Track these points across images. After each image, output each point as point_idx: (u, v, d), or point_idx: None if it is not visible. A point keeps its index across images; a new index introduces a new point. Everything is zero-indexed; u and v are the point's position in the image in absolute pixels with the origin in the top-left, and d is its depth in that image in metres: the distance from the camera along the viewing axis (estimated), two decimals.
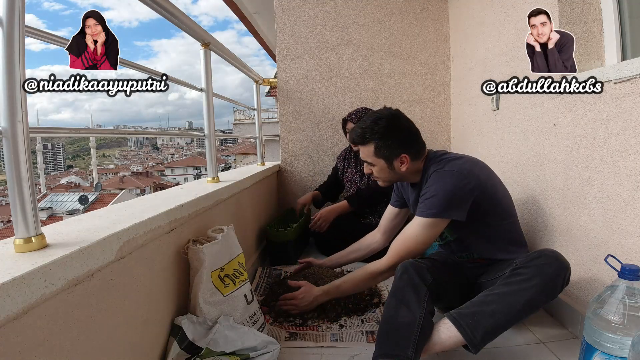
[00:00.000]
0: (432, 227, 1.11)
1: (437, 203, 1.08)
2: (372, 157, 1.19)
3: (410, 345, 0.90)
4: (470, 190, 1.09)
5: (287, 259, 1.85)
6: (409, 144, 1.18)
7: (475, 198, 1.10)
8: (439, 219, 1.10)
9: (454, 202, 1.08)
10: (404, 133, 1.18)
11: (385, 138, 1.16)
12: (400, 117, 1.20)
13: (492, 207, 1.15)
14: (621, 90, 0.96)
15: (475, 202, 1.10)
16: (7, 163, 0.56)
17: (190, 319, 0.93)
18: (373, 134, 1.16)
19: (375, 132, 1.16)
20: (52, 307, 0.55)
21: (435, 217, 1.09)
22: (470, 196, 1.09)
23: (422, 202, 1.12)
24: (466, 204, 1.09)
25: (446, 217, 1.10)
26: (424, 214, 1.10)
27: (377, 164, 1.19)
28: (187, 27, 1.18)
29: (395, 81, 2.38)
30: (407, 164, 1.17)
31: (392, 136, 1.16)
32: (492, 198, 1.14)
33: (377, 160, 1.19)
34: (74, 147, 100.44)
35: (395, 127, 1.17)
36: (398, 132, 1.17)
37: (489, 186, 1.15)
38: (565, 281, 0.98)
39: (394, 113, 1.19)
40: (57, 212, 16.48)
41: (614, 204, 1.01)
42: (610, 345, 0.79)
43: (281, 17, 2.37)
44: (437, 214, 1.09)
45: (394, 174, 1.20)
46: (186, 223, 1.00)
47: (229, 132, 11.29)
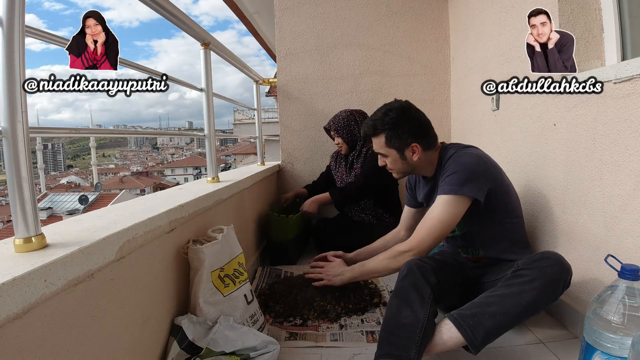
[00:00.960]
0: (454, 205, 1.10)
1: (457, 179, 1.10)
2: (384, 148, 1.21)
3: (413, 346, 0.90)
4: (488, 176, 1.13)
5: (287, 259, 1.85)
6: (420, 133, 1.20)
7: (489, 190, 1.12)
8: (460, 196, 1.10)
9: (474, 179, 1.10)
10: (414, 123, 1.20)
11: (396, 128, 1.18)
12: (410, 108, 1.22)
13: (503, 204, 1.17)
14: (621, 90, 0.96)
15: (489, 194, 1.12)
16: (7, 163, 0.56)
17: (190, 319, 0.93)
18: (384, 125, 1.19)
19: (386, 123, 1.18)
20: (52, 307, 0.55)
21: (457, 194, 1.10)
22: (488, 181, 1.12)
23: (443, 180, 1.14)
24: (485, 186, 1.11)
25: (467, 193, 1.09)
26: (446, 191, 1.11)
27: (390, 155, 1.22)
28: (186, 27, 1.18)
29: (395, 81, 2.38)
30: (419, 153, 1.19)
31: (402, 126, 1.18)
32: (504, 194, 1.17)
33: (389, 151, 1.21)
34: (74, 147, 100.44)
35: (406, 118, 1.19)
36: (408, 122, 1.19)
37: (502, 182, 1.18)
38: (566, 284, 0.98)
39: (404, 104, 1.22)
40: (57, 212, 16.48)
41: (614, 204, 1.01)
42: (610, 345, 0.79)
43: (281, 17, 2.37)
44: (459, 190, 1.09)
45: (407, 164, 1.22)
46: (186, 223, 1.00)
47: (229, 132, 11.28)
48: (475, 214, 1.13)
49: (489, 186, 1.13)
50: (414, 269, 1.03)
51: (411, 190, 1.40)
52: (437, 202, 1.13)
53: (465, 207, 1.11)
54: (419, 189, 1.35)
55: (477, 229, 1.19)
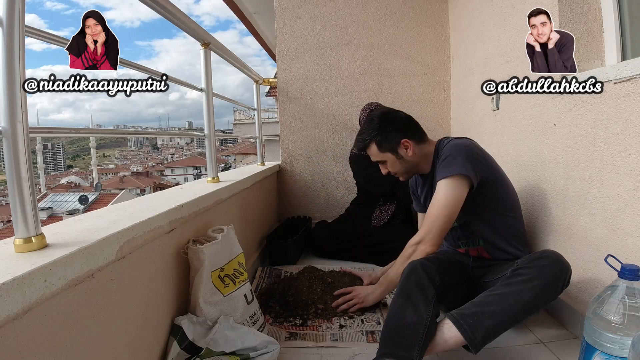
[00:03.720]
0: (455, 186, 1.12)
1: (454, 161, 1.13)
2: (379, 155, 1.25)
3: (416, 346, 0.90)
4: (482, 161, 1.16)
5: (287, 258, 1.85)
6: (406, 129, 1.25)
7: (483, 177, 1.15)
8: (459, 175, 1.11)
9: (470, 160, 1.13)
10: (397, 122, 1.25)
11: (382, 132, 1.23)
12: (390, 110, 1.31)
13: (499, 194, 1.20)
14: (621, 90, 0.96)
15: (483, 182, 1.15)
16: (7, 163, 0.56)
17: (190, 319, 0.93)
18: (370, 134, 1.24)
19: (372, 131, 1.24)
20: (52, 307, 0.55)
21: (456, 175, 1.11)
22: (482, 166, 1.15)
23: (440, 165, 1.16)
24: (478, 169, 1.14)
25: (465, 172, 1.11)
26: (445, 173, 1.13)
27: (387, 159, 1.25)
28: (186, 27, 1.18)
29: (395, 81, 2.38)
30: (412, 147, 1.23)
31: (387, 128, 1.23)
32: (499, 184, 1.20)
33: (385, 155, 1.25)
34: (74, 147, 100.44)
35: (388, 119, 1.25)
36: (391, 122, 1.24)
37: (497, 173, 1.21)
38: (565, 283, 0.98)
39: (383, 109, 1.29)
40: (57, 212, 16.47)
41: (614, 204, 1.01)
42: (610, 345, 0.79)
43: (281, 17, 2.37)
44: (456, 170, 1.11)
45: (405, 162, 1.25)
46: (186, 223, 1.00)
47: (229, 132, 11.28)
48: (471, 203, 1.14)
49: (483, 173, 1.15)
50: (418, 268, 1.02)
51: (414, 194, 1.41)
52: (439, 187, 1.14)
53: (466, 187, 1.13)
54: (419, 190, 1.36)
55: (475, 218, 1.20)
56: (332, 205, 2.43)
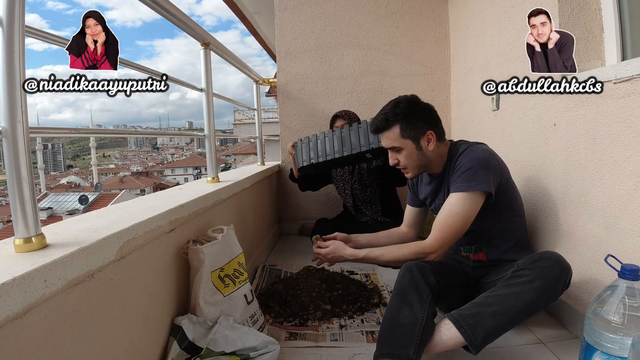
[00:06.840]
0: (472, 201, 1.09)
1: (474, 175, 1.08)
2: (398, 140, 1.16)
3: (412, 345, 0.90)
4: (499, 171, 1.13)
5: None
6: (433, 121, 1.18)
7: (498, 185, 1.12)
8: (478, 191, 1.09)
9: (491, 175, 1.10)
10: (427, 111, 1.18)
11: (409, 117, 1.14)
12: (418, 99, 1.20)
13: (509, 200, 1.18)
14: (621, 90, 0.96)
15: (498, 189, 1.12)
16: (7, 163, 0.56)
17: (190, 319, 0.93)
18: (396, 116, 1.15)
19: (398, 113, 1.14)
20: (52, 307, 0.55)
21: (475, 190, 1.08)
22: (498, 176, 1.13)
23: (458, 176, 1.11)
24: (496, 181, 1.11)
25: (483, 188, 1.08)
26: (464, 188, 1.09)
27: (405, 147, 1.16)
28: (186, 27, 1.18)
29: (395, 81, 2.38)
30: (434, 142, 1.16)
31: (415, 115, 1.15)
32: (510, 191, 1.18)
33: (404, 142, 1.16)
34: (74, 147, 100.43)
35: (416, 106, 1.17)
36: (420, 110, 1.17)
37: (509, 179, 1.19)
38: (566, 284, 0.98)
39: (411, 97, 1.20)
40: (57, 212, 16.47)
41: (614, 204, 1.01)
42: (610, 345, 0.79)
43: (281, 17, 2.37)
44: (476, 186, 1.08)
45: (422, 156, 1.17)
46: (186, 223, 1.00)
47: (229, 132, 11.29)
48: (482, 210, 1.11)
49: (499, 181, 1.13)
50: (413, 268, 1.03)
51: (413, 188, 1.38)
52: (455, 199, 1.10)
53: (482, 202, 1.10)
54: (421, 186, 1.33)
55: (484, 224, 1.17)
56: (332, 204, 2.43)
